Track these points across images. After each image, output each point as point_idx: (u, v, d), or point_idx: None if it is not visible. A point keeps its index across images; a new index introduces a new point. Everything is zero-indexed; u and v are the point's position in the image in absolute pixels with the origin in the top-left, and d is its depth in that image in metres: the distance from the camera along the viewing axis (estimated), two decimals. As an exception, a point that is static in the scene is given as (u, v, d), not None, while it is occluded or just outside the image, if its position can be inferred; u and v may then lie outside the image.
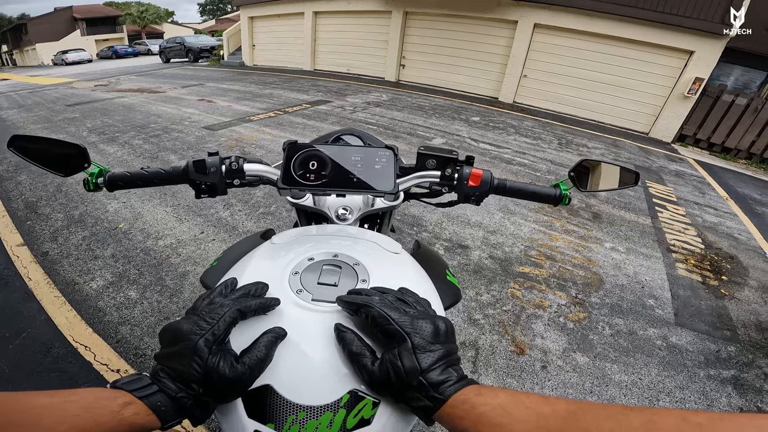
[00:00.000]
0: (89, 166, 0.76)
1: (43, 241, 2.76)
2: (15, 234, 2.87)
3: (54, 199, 3.40)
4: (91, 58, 28.55)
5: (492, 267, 2.63)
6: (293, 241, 0.68)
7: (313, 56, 12.92)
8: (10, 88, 11.86)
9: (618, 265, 2.79)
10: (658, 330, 2.20)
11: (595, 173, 0.86)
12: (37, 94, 9.79)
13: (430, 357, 0.41)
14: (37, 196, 3.46)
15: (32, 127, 6.15)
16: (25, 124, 6.30)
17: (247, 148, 4.83)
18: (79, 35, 36.77)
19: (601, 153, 5.72)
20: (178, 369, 0.41)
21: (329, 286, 0.55)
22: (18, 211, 3.21)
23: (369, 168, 0.76)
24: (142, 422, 0.39)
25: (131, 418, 0.38)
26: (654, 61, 7.40)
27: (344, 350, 0.44)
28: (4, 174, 4.06)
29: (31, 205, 3.32)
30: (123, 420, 0.37)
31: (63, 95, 9.27)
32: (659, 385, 1.85)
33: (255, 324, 0.49)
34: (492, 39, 9.16)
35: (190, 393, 0.41)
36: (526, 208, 3.48)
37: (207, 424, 1.57)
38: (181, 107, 7.27)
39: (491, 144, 5.51)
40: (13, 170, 4.13)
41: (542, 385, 1.80)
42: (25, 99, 8.94)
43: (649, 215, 3.66)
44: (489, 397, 0.38)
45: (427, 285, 0.63)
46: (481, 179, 0.78)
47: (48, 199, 3.40)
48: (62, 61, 26.71)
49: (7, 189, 3.66)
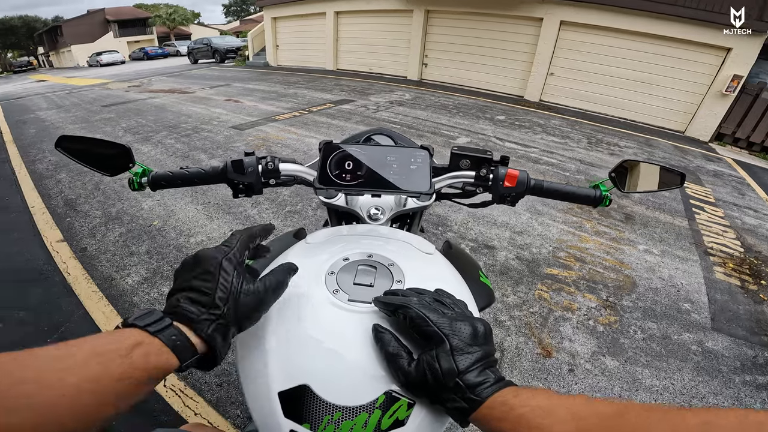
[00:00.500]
0: (133, 165, 0.77)
1: (82, 237, 2.88)
2: (55, 230, 3.01)
3: (92, 196, 3.54)
4: (124, 60, 29.52)
5: (519, 268, 2.59)
6: (327, 241, 0.69)
7: (335, 56, 13.01)
8: (48, 89, 12.43)
9: (652, 267, 2.70)
10: (693, 335, 2.12)
11: (638, 174, 0.83)
12: (74, 95, 10.22)
13: (468, 359, 0.41)
14: (76, 194, 3.62)
15: (70, 127, 6.43)
16: (64, 124, 6.59)
17: (274, 147, 4.92)
18: (112, 37, 38.11)
19: (633, 152, 5.53)
20: (202, 289, 0.42)
21: (365, 287, 0.55)
22: (58, 208, 3.36)
23: (404, 168, 0.76)
24: (155, 363, 0.37)
25: (141, 360, 0.35)
26: (688, 58, 7.10)
27: (381, 351, 0.44)
28: (45, 172, 4.25)
29: (70, 202, 3.47)
30: (133, 364, 0.35)
31: (99, 96, 9.65)
32: (692, 390, 1.79)
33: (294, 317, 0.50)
34: (516, 37, 8.99)
35: (213, 315, 0.41)
36: (554, 209, 3.41)
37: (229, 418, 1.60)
38: (209, 107, 7.46)
39: (517, 143, 5.42)
40: (53, 168, 4.32)
41: (569, 389, 1.76)
42: (63, 100, 9.35)
43: (686, 217, 3.52)
44: (528, 399, 0.38)
45: (461, 286, 0.62)
46: (517, 180, 0.76)
47: (86, 197, 3.54)
48: (97, 62, 27.70)
49: (47, 187, 3.84)
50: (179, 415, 1.60)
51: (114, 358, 0.34)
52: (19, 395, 0.29)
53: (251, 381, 0.47)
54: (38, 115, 7.75)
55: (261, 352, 0.48)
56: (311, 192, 0.86)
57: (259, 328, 0.51)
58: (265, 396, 0.44)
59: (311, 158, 4.39)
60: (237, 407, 1.62)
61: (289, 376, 0.44)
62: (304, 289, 0.55)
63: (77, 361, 0.32)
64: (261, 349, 0.48)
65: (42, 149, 5.18)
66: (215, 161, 4.45)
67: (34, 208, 3.40)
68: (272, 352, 0.47)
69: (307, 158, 4.39)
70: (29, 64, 41.98)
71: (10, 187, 3.92)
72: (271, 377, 0.45)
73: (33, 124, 6.89)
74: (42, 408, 0.29)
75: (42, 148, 5.26)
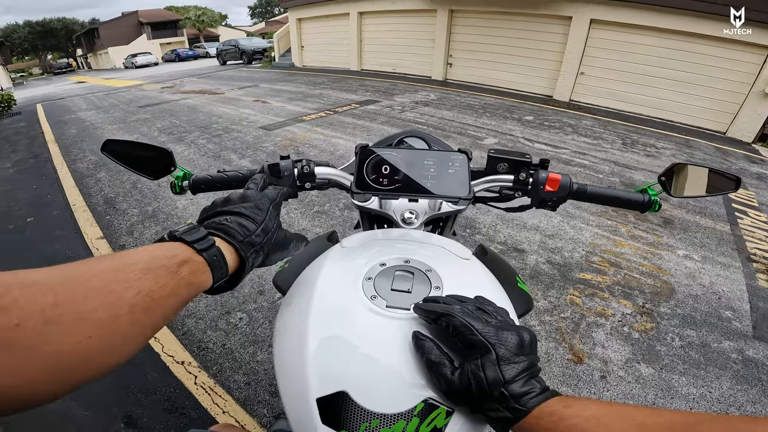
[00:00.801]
0: (175, 169, 0.78)
1: (120, 235, 3.00)
2: (95, 227, 3.14)
3: (130, 195, 3.69)
4: (157, 61, 30.59)
5: (550, 272, 2.53)
6: (362, 245, 0.68)
7: (359, 56, 13.06)
8: (87, 90, 13.01)
9: (692, 274, 2.59)
10: (733, 343, 2.03)
11: (688, 178, 0.79)
12: (111, 96, 10.67)
13: (514, 368, 0.40)
14: (115, 192, 3.77)
15: (109, 127, 6.71)
16: (103, 125, 6.88)
17: (301, 147, 4.98)
18: (146, 39, 39.57)
19: (672, 154, 5.31)
20: (253, 217, 0.49)
21: (403, 293, 0.54)
22: (98, 206, 3.51)
23: (442, 173, 0.75)
24: (197, 281, 0.39)
25: (188, 277, 0.38)
26: (728, 57, 6.74)
27: (422, 359, 0.44)
28: (85, 171, 4.45)
29: (109, 200, 3.62)
30: (181, 279, 0.37)
31: (135, 97, 10.04)
32: (730, 399, 1.73)
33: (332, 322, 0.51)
34: (544, 35, 8.78)
35: (257, 238, 0.48)
36: (587, 212, 3.31)
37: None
38: (238, 108, 7.64)
39: (547, 144, 5.29)
40: (93, 168, 4.52)
41: (600, 395, 1.72)
42: (102, 101, 9.77)
43: (728, 221, 3.36)
44: (579, 409, 0.37)
45: (500, 293, 0.61)
46: (559, 184, 0.74)
47: (125, 195, 3.69)
48: (132, 64, 28.83)
49: (88, 185, 4.02)
50: (208, 412, 1.64)
51: (165, 274, 0.36)
52: (81, 309, 0.29)
53: (289, 385, 0.48)
54: (78, 115, 8.13)
55: (299, 357, 0.48)
56: (338, 192, 0.85)
57: (297, 332, 0.51)
58: (303, 401, 0.44)
59: (339, 159, 4.42)
60: (264, 406, 1.65)
61: (328, 382, 0.44)
62: (341, 295, 0.55)
63: (134, 276, 0.33)
64: (299, 354, 0.48)
65: (83, 149, 5.43)
66: (246, 161, 4.55)
67: (75, 205, 3.57)
68: (310, 357, 0.47)
69: (335, 159, 4.43)
70: (69, 66, 44.13)
71: (52, 186, 4.13)
72: (310, 383, 0.45)
73: (74, 124, 7.23)
74: (105, 320, 0.30)
75: (83, 147, 5.50)
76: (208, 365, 1.87)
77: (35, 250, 2.91)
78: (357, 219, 1.02)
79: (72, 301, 0.28)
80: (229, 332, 2.05)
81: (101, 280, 0.31)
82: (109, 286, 0.31)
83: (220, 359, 1.90)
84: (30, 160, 5.23)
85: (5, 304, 0.25)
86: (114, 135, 6.14)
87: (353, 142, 5.11)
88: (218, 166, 4.41)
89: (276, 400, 1.65)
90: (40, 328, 0.26)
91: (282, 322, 0.57)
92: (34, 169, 4.81)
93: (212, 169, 4.32)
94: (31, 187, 4.18)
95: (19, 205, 3.74)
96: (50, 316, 0.27)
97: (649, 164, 4.67)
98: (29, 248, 2.95)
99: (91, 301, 0.30)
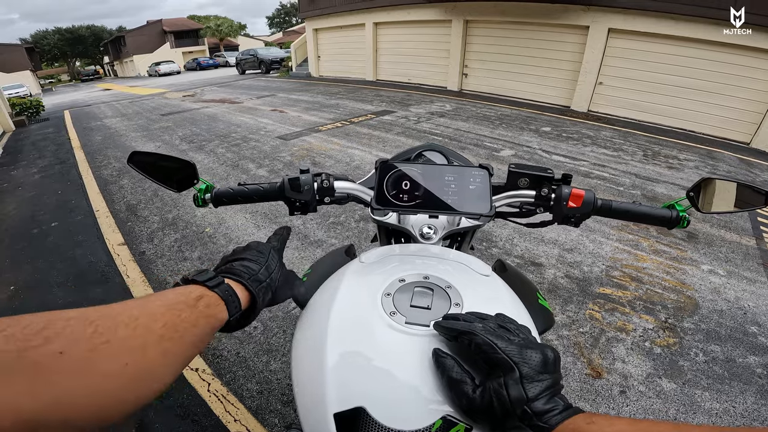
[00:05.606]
0: (198, 182, 0.78)
1: (141, 242, 3.06)
2: (117, 234, 3.22)
3: (151, 203, 3.77)
4: (180, 70, 31.40)
5: (568, 287, 2.48)
6: (380, 260, 0.68)
7: (375, 66, 13.17)
8: (113, 97, 13.44)
9: (717, 289, 2.51)
10: (759, 358, 1.96)
11: (716, 193, 0.77)
12: (135, 104, 10.99)
13: (537, 387, 0.40)
14: (137, 200, 3.86)
15: (132, 134, 6.89)
16: (127, 132, 7.08)
17: (317, 158, 5.02)
18: (169, 47, 40.72)
19: (695, 165, 5.18)
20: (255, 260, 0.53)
21: (422, 309, 0.54)
22: (120, 213, 3.60)
23: (463, 188, 0.74)
24: (214, 313, 0.43)
25: (205, 310, 0.42)
26: (752, 65, 6.57)
27: (443, 376, 0.44)
28: (109, 178, 4.57)
29: (131, 207, 3.70)
30: (200, 313, 0.41)
31: (158, 105, 10.32)
32: (754, 413, 1.68)
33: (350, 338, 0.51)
34: (560, 45, 8.71)
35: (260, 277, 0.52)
36: (607, 226, 3.24)
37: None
38: (256, 117, 7.77)
39: (566, 156, 5.22)
40: (117, 175, 4.64)
41: (618, 411, 1.68)
42: (126, 108, 10.08)
43: (754, 236, 3.25)
44: (604, 426, 0.36)
45: (521, 310, 0.60)
46: (583, 200, 0.72)
47: (146, 203, 3.77)
48: (156, 72, 29.69)
49: (111, 192, 4.13)
50: (219, 420, 1.65)
51: (184, 308, 0.40)
52: (117, 339, 0.33)
53: (307, 399, 0.48)
54: (104, 122, 8.39)
55: (318, 371, 0.48)
56: (354, 204, 0.86)
57: (316, 346, 0.51)
58: (321, 416, 0.44)
59: (355, 170, 4.43)
60: (276, 416, 1.65)
61: (346, 397, 0.44)
62: (360, 310, 0.55)
63: (156, 311, 0.38)
64: (318, 368, 0.48)
65: (107, 156, 5.59)
66: (263, 171, 4.61)
67: (98, 211, 3.66)
68: (329, 372, 0.47)
69: (351, 169, 4.45)
70: (96, 73, 45.70)
71: (77, 191, 4.25)
72: (327, 398, 0.45)
73: (99, 131, 7.46)
74: (136, 348, 0.34)
75: (107, 154, 5.67)
76: (221, 373, 1.88)
77: (58, 254, 2.99)
78: (374, 232, 1.02)
79: (108, 332, 0.32)
80: (244, 341, 2.06)
81: (129, 316, 0.35)
82: (138, 320, 0.35)
83: (234, 367, 1.91)
84: (56, 165, 5.41)
85: (49, 335, 0.28)
86: (137, 142, 6.33)
87: (369, 153, 5.14)
88: (237, 175, 4.48)
89: (288, 410, 1.65)
90: (85, 356, 0.30)
91: (301, 335, 0.57)
92: (60, 174, 4.97)
93: (231, 178, 4.40)
94: (56, 192, 4.31)
95: (44, 209, 3.85)
96: (93, 344, 0.31)
97: (672, 177, 4.56)
98: (52, 252, 3.03)
99: (122, 331, 0.33)
